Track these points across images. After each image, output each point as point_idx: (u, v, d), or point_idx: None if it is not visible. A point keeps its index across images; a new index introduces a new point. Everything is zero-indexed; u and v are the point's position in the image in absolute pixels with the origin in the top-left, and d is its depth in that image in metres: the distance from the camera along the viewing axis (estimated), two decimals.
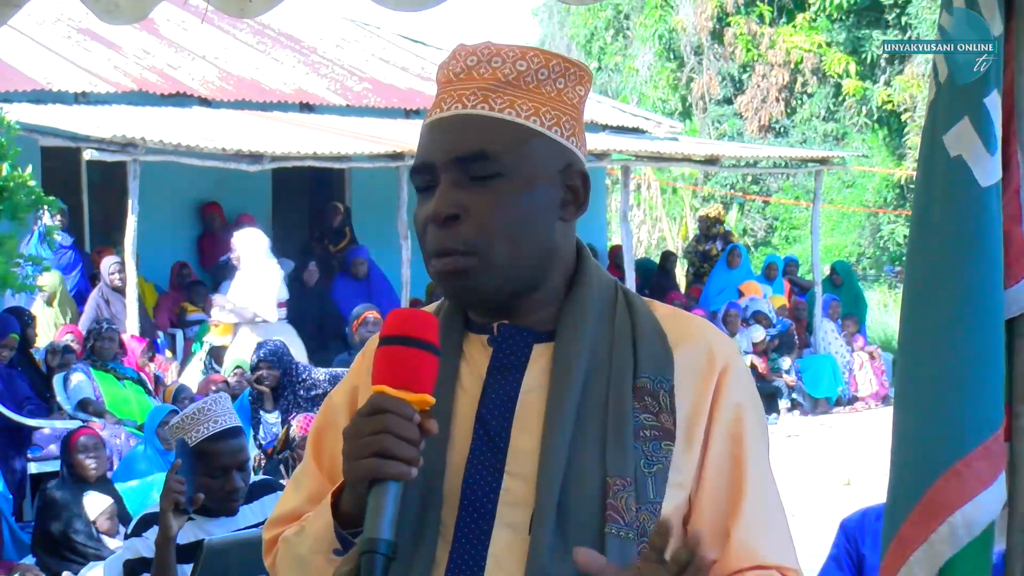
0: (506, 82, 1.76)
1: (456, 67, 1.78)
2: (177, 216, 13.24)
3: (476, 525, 1.72)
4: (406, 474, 1.62)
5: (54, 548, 6.98)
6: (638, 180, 23.53)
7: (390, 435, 1.61)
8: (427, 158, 1.76)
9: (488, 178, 1.73)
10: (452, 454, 1.75)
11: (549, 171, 1.77)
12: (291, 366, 8.85)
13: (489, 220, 1.73)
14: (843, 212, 25.09)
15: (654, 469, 1.72)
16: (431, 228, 1.75)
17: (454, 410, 1.77)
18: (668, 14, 26.33)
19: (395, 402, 1.63)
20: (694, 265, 16.44)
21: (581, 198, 1.81)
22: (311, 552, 1.76)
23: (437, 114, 1.77)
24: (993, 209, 2.26)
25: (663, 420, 1.74)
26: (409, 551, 1.71)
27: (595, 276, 1.83)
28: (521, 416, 1.75)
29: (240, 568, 3.25)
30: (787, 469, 10.32)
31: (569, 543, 1.65)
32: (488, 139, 1.73)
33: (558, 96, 1.78)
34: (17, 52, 12.95)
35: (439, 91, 1.80)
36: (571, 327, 1.77)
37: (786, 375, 14.22)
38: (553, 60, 1.78)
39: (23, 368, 9.02)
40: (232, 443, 3.72)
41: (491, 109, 1.75)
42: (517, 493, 1.72)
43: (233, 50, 15.68)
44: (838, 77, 24.84)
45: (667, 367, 1.76)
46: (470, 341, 1.82)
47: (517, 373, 1.78)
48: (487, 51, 1.78)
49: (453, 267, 1.73)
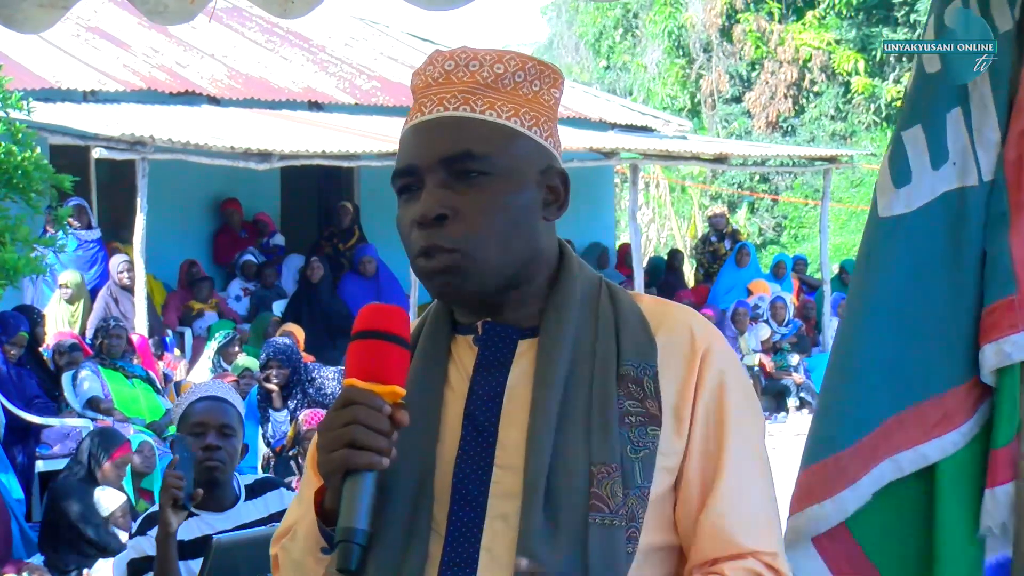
0: (485, 84, 1.78)
1: (434, 72, 1.80)
2: (186, 215, 13.25)
3: (468, 518, 1.74)
4: (378, 464, 1.66)
5: (67, 543, 7.01)
6: (647, 179, 23.52)
7: (360, 426, 1.66)
8: (411, 160, 1.78)
9: (474, 178, 1.75)
10: (442, 451, 1.78)
11: (531, 171, 1.79)
12: (300, 365, 8.86)
13: (477, 219, 1.74)
14: (852, 211, 25.06)
15: (641, 454, 1.73)
16: (417, 229, 1.76)
17: (443, 409, 1.80)
18: (678, 11, 26.33)
19: (364, 394, 1.68)
20: (703, 264, 16.43)
21: (562, 198, 1.84)
22: (302, 554, 1.80)
23: (419, 118, 1.79)
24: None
25: (648, 406, 1.75)
26: (402, 547, 1.73)
27: (578, 272, 1.85)
28: (508, 410, 1.78)
29: (248, 566, 3.26)
30: (795, 467, 10.31)
31: (559, 532, 1.68)
32: (473, 139, 1.75)
33: (535, 98, 1.81)
34: (26, 50, 12.96)
35: (417, 96, 1.82)
36: (554, 322, 1.80)
37: (795, 373, 14.21)
38: (529, 63, 1.81)
39: (32, 366, 9.03)
40: (211, 404, 3.76)
41: (473, 111, 1.77)
42: (507, 484, 1.74)
43: (242, 49, 15.70)
44: (847, 75, 24.80)
45: (650, 353, 1.78)
46: (457, 342, 1.85)
47: (503, 369, 1.80)
48: (464, 55, 1.80)
49: (441, 265, 1.75)
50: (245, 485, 3.78)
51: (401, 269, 12.88)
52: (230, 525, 3.64)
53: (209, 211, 13.73)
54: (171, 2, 2.87)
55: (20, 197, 8.06)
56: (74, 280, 10.88)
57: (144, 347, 10.17)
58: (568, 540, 1.68)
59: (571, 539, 1.68)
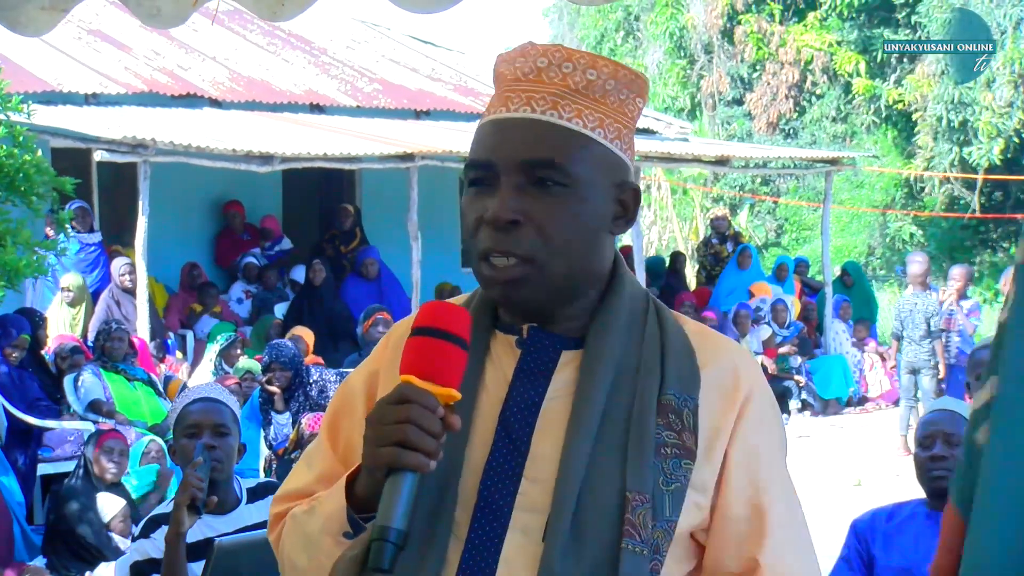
0: (575, 90, 1.75)
1: (525, 67, 1.77)
2: (188, 217, 13.26)
3: (490, 527, 1.72)
4: (424, 466, 1.61)
5: (66, 546, 7.01)
6: (648, 181, 23.52)
7: (413, 426, 1.61)
8: (490, 156, 1.74)
9: (551, 186, 1.72)
10: (471, 454, 1.75)
11: (606, 185, 1.76)
12: (302, 367, 8.86)
13: (550, 230, 1.72)
14: (853, 212, 25.06)
15: (672, 487, 1.71)
16: (487, 229, 1.73)
17: (476, 409, 1.77)
18: (679, 12, 26.33)
19: (420, 393, 1.62)
20: (705, 267, 16.43)
21: (631, 213, 1.81)
22: (321, 532, 1.75)
23: (503, 113, 1.76)
24: None
25: (685, 439, 1.73)
26: (421, 548, 1.71)
27: (628, 287, 1.82)
28: (544, 422, 1.75)
29: (250, 568, 3.25)
30: (798, 470, 10.31)
31: (583, 552, 1.65)
32: (557, 148, 1.72)
33: (620, 108, 1.78)
34: (27, 53, 12.96)
35: (503, 88, 1.78)
36: (601, 337, 1.77)
37: (796, 375, 14.21)
38: (621, 71, 1.78)
39: (33, 369, 9.03)
40: (205, 405, 3.75)
41: (560, 117, 1.73)
42: (534, 498, 1.71)
43: (243, 51, 15.70)
44: (848, 76, 24.80)
45: (694, 386, 1.76)
46: (497, 339, 1.81)
47: (543, 378, 1.77)
48: (558, 55, 1.76)
49: (510, 275, 1.72)
50: (247, 488, 3.78)
51: (403, 271, 12.88)
52: (231, 528, 3.64)
53: (211, 213, 13.74)
54: (164, 5, 2.88)
55: (21, 200, 8.07)
56: (76, 283, 10.89)
57: (145, 350, 10.18)
58: (593, 562, 1.66)
59: (597, 562, 1.66)
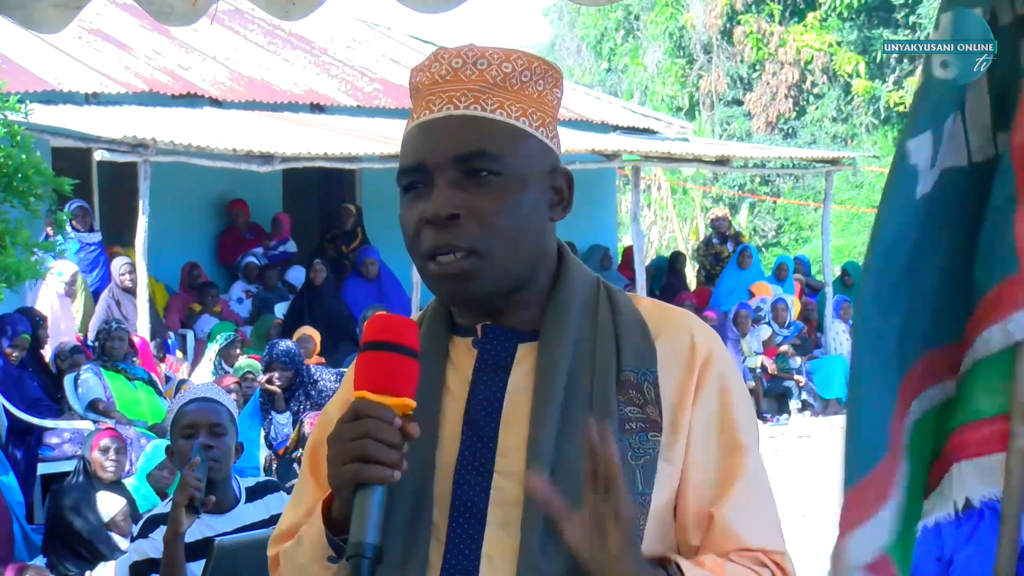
0: (494, 84, 1.76)
1: (441, 70, 1.78)
2: (188, 217, 13.25)
3: (468, 525, 1.73)
4: (388, 478, 1.63)
5: (66, 545, 7.01)
6: (648, 181, 23.52)
7: (371, 440, 1.63)
8: (420, 158, 1.75)
9: (485, 177, 1.73)
10: (441, 456, 1.76)
11: (539, 172, 1.78)
12: (302, 367, 8.87)
13: (490, 219, 1.73)
14: (853, 213, 25.07)
15: (641, 461, 1.73)
16: (428, 229, 1.74)
17: (442, 413, 1.78)
18: (678, 12, 26.35)
19: (375, 407, 1.64)
20: (705, 266, 16.44)
21: (566, 199, 1.82)
22: (310, 561, 1.77)
23: (427, 115, 1.77)
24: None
25: (649, 412, 1.75)
26: (402, 553, 1.72)
27: (577, 274, 1.84)
28: (508, 415, 1.76)
29: (250, 568, 3.25)
30: (798, 470, 10.31)
31: (561, 540, 1.66)
32: (486, 138, 1.73)
33: (540, 98, 1.79)
34: (28, 52, 12.97)
35: (422, 94, 1.79)
36: (555, 326, 1.79)
37: (797, 375, 14.21)
38: (535, 62, 1.80)
39: (33, 368, 9.04)
40: (201, 405, 3.76)
41: (483, 110, 1.75)
42: (508, 492, 1.73)
43: (244, 51, 15.70)
44: (848, 77, 24.82)
45: (650, 359, 1.78)
46: (455, 344, 1.83)
47: (503, 373, 1.79)
48: (471, 53, 1.78)
49: (457, 269, 1.73)
50: (246, 487, 3.79)
51: (403, 271, 12.89)
52: (231, 527, 3.64)
53: (211, 213, 13.74)
54: (177, 4, 2.92)
55: (19, 201, 8.06)
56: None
57: (146, 349, 10.18)
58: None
59: None
